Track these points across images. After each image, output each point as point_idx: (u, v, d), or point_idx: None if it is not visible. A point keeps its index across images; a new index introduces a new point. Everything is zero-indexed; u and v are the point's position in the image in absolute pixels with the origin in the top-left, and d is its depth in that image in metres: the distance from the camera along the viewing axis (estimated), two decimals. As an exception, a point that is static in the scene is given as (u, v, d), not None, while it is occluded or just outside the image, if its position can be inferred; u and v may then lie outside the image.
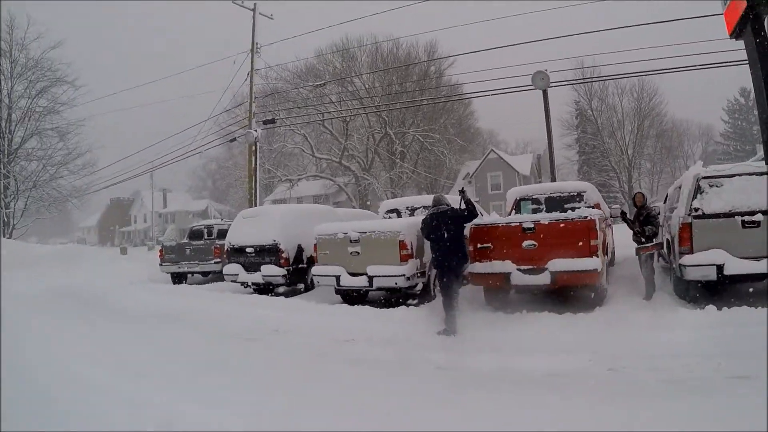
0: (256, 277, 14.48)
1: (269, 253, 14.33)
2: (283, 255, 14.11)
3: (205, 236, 20.37)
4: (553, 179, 21.54)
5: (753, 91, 10.91)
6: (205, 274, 19.43)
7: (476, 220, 10.51)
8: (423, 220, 10.55)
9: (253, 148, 26.86)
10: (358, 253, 11.88)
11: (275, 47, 30.68)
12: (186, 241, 20.25)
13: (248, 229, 15.02)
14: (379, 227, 11.85)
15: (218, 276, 18.41)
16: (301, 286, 14.88)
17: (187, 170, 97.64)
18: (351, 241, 11.98)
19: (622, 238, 14.97)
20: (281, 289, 14.78)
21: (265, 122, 28.45)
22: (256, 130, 25.87)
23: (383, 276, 11.43)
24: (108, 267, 23.69)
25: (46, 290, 16.12)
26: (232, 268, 15.07)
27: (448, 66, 53.97)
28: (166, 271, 19.27)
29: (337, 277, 12.10)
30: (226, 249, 15.55)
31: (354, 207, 51.45)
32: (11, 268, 21.28)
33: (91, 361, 7.90)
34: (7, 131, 37.24)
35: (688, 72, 19.98)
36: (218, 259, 18.35)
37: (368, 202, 52.82)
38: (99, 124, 46.50)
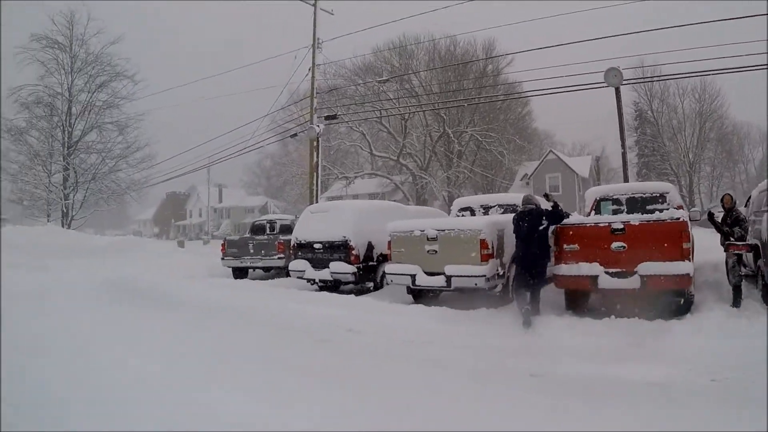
0: (324, 274, 13.98)
1: (339, 249, 13.83)
2: (354, 252, 13.58)
3: (267, 231, 20.00)
4: (626, 180, 20.92)
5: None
6: (266, 269, 18.98)
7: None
8: (513, 218, 10.79)
9: (315, 143, 26.41)
10: (436, 251, 11.38)
11: (333, 45, 30.34)
12: (249, 235, 19.75)
13: (317, 224, 14.55)
14: (459, 225, 11.33)
15: (280, 272, 18.13)
16: (370, 284, 14.29)
17: (242, 166, 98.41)
18: (428, 239, 11.49)
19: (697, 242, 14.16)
20: (348, 287, 14.29)
21: (327, 117, 27.96)
22: (318, 126, 25.39)
23: (462, 276, 10.87)
24: (166, 260, 23.32)
25: (104, 281, 15.73)
26: (299, 264, 14.58)
27: (506, 65, 53.35)
28: (228, 265, 18.79)
29: (413, 276, 11.62)
30: (292, 244, 15.07)
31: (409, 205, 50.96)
32: (70, 258, 21.15)
33: (152, 357, 7.42)
34: (68, 124, 37.84)
35: (750, 72, 18.98)
36: (282, 255, 17.87)
37: (425, 201, 52.56)
38: (156, 119, 47.11)
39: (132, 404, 5.42)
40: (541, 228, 10.42)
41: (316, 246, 14.22)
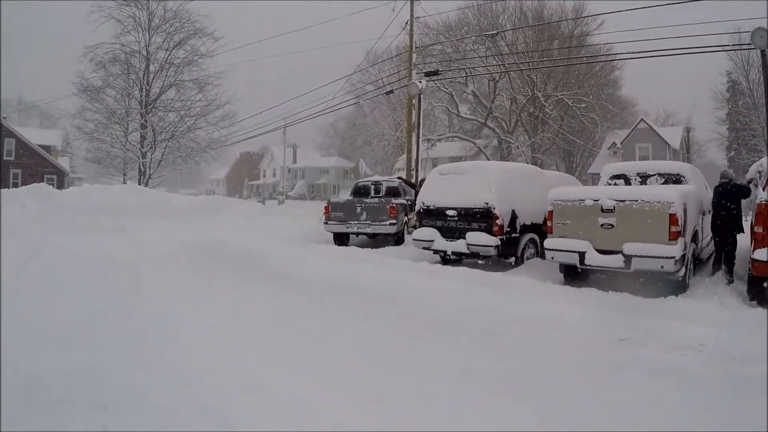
0: (459, 246, 12.00)
1: (479, 218, 11.81)
2: (498, 222, 11.56)
3: (372, 194, 18.09)
4: None
5: None
6: (371, 236, 17.12)
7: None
8: (716, 190, 11.22)
9: (414, 101, 24.39)
10: (612, 225, 9.59)
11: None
12: (356, 198, 17.78)
13: (449, 188, 12.52)
14: (643, 195, 9.50)
15: (387, 239, 16.62)
16: (512, 259, 12.21)
17: (315, 127, 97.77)
18: (603, 210, 9.70)
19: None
20: (480, 261, 12.22)
21: (428, 74, 25.87)
22: (420, 81, 23.25)
23: (646, 257, 9.21)
24: (254, 222, 21.63)
25: (194, 245, 13.87)
26: (426, 233, 12.64)
27: (597, 26, 50.01)
28: (332, 230, 16.93)
29: (581, 254, 9.83)
30: (417, 210, 13.06)
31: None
32: (150, 218, 19.52)
33: (254, 349, 5.93)
34: (145, 82, 36.99)
35: None
36: (394, 221, 16.03)
37: None
38: (236, 76, 45.33)
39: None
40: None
41: (449, 213, 12.23)
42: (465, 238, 11.88)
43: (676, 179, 11.98)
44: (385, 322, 7.45)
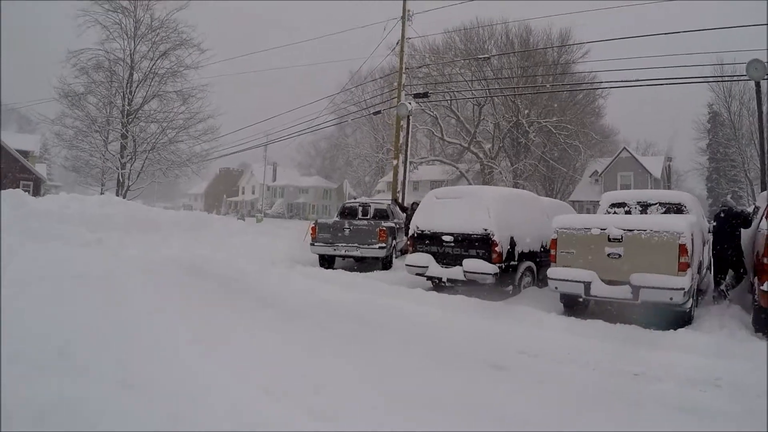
0: (455, 273, 11.51)
1: (477, 244, 11.34)
2: (497, 249, 11.07)
3: (360, 215, 17.59)
4: (763, 186, 17.66)
5: None
6: (358, 259, 16.60)
7: None
8: (717, 217, 11.70)
9: (402, 123, 24.04)
10: (619, 255, 9.28)
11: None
12: (344, 219, 17.20)
13: (446, 212, 12.03)
14: (652, 225, 9.22)
15: (373, 263, 16.33)
16: (509, 288, 11.76)
17: (295, 146, 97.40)
18: (610, 240, 9.36)
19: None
20: (461, 289, 11.97)
21: (416, 96, 25.53)
22: (410, 103, 22.91)
23: (655, 288, 8.87)
24: (236, 239, 20.99)
25: (177, 262, 13.36)
26: (420, 259, 12.13)
27: (582, 55, 50.25)
28: (319, 252, 16.32)
29: (587, 284, 9.46)
30: (411, 234, 12.55)
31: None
32: (130, 231, 18.85)
33: (251, 382, 5.37)
34: (128, 91, 36.25)
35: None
36: (383, 244, 15.52)
37: None
38: (221, 90, 44.86)
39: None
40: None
41: (446, 238, 11.74)
42: (462, 265, 11.41)
43: (677, 209, 11.81)
44: (386, 354, 7.02)
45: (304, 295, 10.66)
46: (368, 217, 17.37)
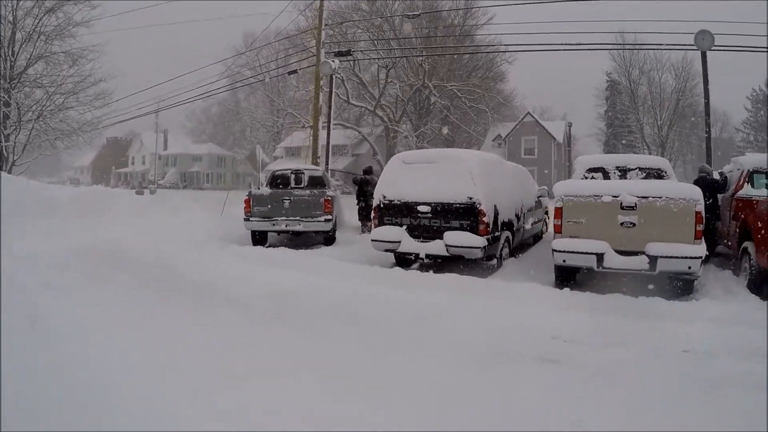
0: (435, 248, 10.23)
1: (460, 215, 10.11)
2: (485, 219, 9.88)
3: (293, 184, 15.58)
4: (708, 154, 18.92)
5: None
6: (298, 234, 15.00)
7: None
8: (695, 183, 11.16)
9: (321, 83, 22.38)
10: (633, 224, 8.69)
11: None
12: (284, 189, 15.22)
13: (419, 179, 10.63)
14: (668, 191, 8.74)
15: (310, 239, 15.13)
16: (493, 261, 10.64)
17: (186, 112, 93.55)
18: (623, 208, 8.62)
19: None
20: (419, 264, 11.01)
21: (339, 54, 23.90)
22: (333, 61, 21.29)
23: (673, 257, 8.41)
24: (149, 218, 18.60)
25: (89, 253, 10.82)
26: (390, 233, 10.72)
27: (487, 21, 50.09)
28: (255, 228, 14.55)
29: (599, 255, 8.73)
30: (377, 205, 11.08)
31: (379, 159, 47.92)
32: (24, 216, 16.00)
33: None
34: (10, 53, 32.45)
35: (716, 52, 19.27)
36: (329, 216, 14.06)
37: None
38: (115, 50, 41.08)
39: None
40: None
41: (422, 209, 10.37)
42: (443, 239, 10.13)
43: (657, 174, 11.22)
44: (413, 360, 5.56)
45: (261, 285, 8.53)
46: (302, 185, 15.51)
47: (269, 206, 14.35)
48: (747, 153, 15.28)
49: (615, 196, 8.66)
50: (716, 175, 12.67)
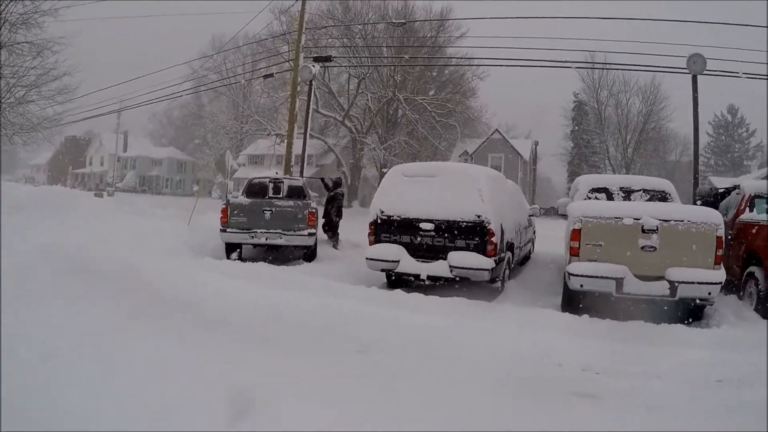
0: (438, 269, 9.60)
1: (466, 234, 9.54)
2: (493, 239, 9.35)
3: (271, 194, 14.48)
4: (695, 174, 18.17)
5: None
6: (273, 248, 14.22)
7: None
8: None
9: (297, 89, 21.67)
10: (654, 248, 8.40)
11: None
12: (264, 199, 14.21)
13: (421, 194, 9.99)
14: (689, 215, 8.52)
15: (288, 253, 14.36)
16: (498, 284, 10.15)
17: (148, 113, 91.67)
18: (644, 231, 8.34)
19: None
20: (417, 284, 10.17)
21: (317, 59, 23.20)
22: (313, 65, 20.59)
23: (694, 283, 8.18)
24: (114, 223, 17.39)
25: (52, 258, 9.39)
26: (388, 252, 10.02)
27: (460, 36, 49.79)
28: (233, 240, 13.64)
29: (619, 281, 8.32)
30: (374, 221, 10.38)
31: (344, 170, 47.56)
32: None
33: None
34: (-31, 41, 30.96)
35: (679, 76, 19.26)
36: (312, 230, 13.36)
37: (361, 168, 51.76)
38: (78, 43, 39.73)
39: None
40: None
41: (424, 226, 9.70)
42: (446, 259, 9.51)
43: (661, 196, 11.04)
44: (437, 395, 4.82)
45: (247, 305, 7.62)
46: (281, 196, 14.50)
47: (248, 217, 13.54)
48: (708, 177, 15.32)
49: (637, 219, 8.32)
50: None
